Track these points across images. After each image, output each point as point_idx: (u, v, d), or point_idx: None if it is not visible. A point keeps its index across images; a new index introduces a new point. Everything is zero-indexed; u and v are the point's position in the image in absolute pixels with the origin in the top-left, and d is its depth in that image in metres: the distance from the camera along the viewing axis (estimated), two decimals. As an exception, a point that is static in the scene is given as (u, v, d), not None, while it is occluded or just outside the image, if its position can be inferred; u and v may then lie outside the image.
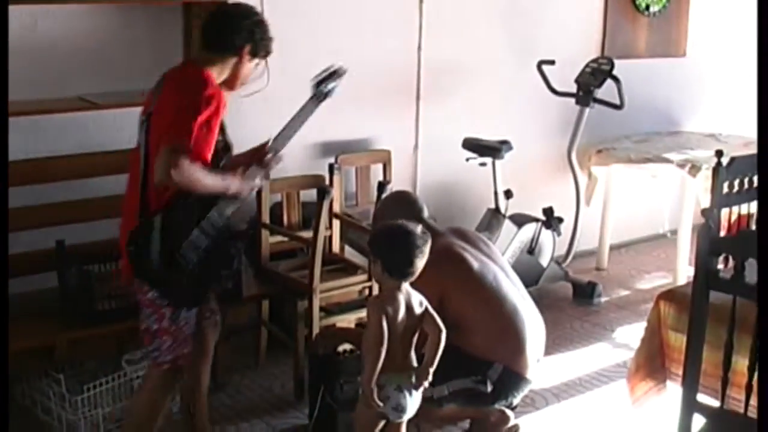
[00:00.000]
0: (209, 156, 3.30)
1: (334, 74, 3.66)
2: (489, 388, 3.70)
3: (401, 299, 3.35)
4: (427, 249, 3.36)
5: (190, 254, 3.34)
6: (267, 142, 3.61)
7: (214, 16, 3.51)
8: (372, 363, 3.26)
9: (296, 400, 4.33)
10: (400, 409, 3.36)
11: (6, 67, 3.08)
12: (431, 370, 3.37)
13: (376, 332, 3.27)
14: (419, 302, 3.40)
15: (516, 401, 3.89)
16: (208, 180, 3.26)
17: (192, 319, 3.45)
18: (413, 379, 3.37)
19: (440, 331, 3.37)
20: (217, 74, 3.41)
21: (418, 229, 3.37)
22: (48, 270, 4.10)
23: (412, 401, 3.39)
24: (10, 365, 3.77)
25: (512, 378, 3.74)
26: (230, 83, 3.49)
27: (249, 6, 3.59)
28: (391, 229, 3.42)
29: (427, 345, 3.39)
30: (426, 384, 3.39)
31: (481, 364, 3.71)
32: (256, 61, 3.51)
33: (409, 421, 3.97)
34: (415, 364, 3.40)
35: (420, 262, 3.34)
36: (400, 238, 3.34)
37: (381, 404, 3.31)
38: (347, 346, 4.11)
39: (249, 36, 3.43)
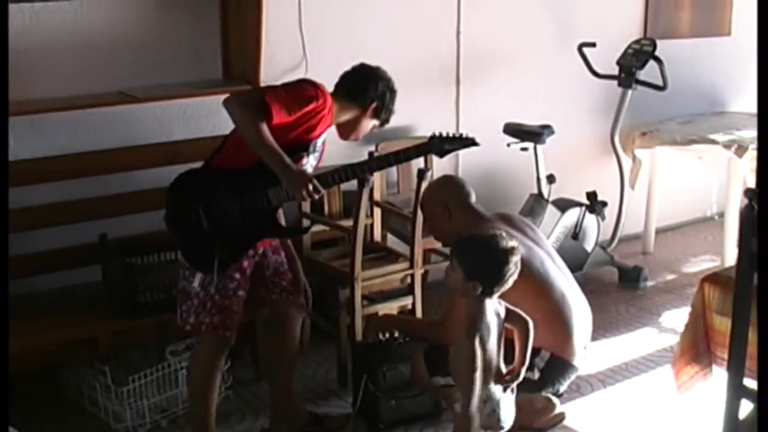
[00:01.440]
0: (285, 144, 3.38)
1: (463, 142, 3.71)
2: (536, 375, 3.68)
3: (490, 312, 3.29)
4: (517, 262, 3.27)
5: (211, 218, 3.41)
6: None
7: (358, 68, 3.70)
8: (470, 390, 3.19)
9: (339, 387, 4.33)
10: (505, 419, 3.32)
11: (6, 67, 3.10)
12: (524, 369, 3.33)
13: (471, 359, 3.18)
14: (499, 303, 3.34)
15: (563, 388, 3.88)
16: (264, 138, 3.29)
17: (226, 290, 3.48)
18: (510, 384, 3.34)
19: (527, 323, 3.34)
20: (336, 113, 3.58)
21: (513, 242, 3.29)
22: (91, 263, 4.14)
23: (511, 405, 3.37)
24: (55, 357, 3.85)
25: (559, 365, 3.73)
26: (343, 130, 3.68)
27: (389, 74, 3.76)
28: (490, 243, 3.28)
29: (516, 342, 3.35)
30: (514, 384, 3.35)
31: (528, 351, 3.69)
32: (375, 122, 3.71)
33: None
34: (503, 365, 3.34)
35: (512, 280, 3.28)
36: (500, 255, 3.24)
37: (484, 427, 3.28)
38: (389, 333, 4.12)
39: (381, 97, 3.65)
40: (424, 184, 4.27)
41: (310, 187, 3.36)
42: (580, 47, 5.57)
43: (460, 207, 3.84)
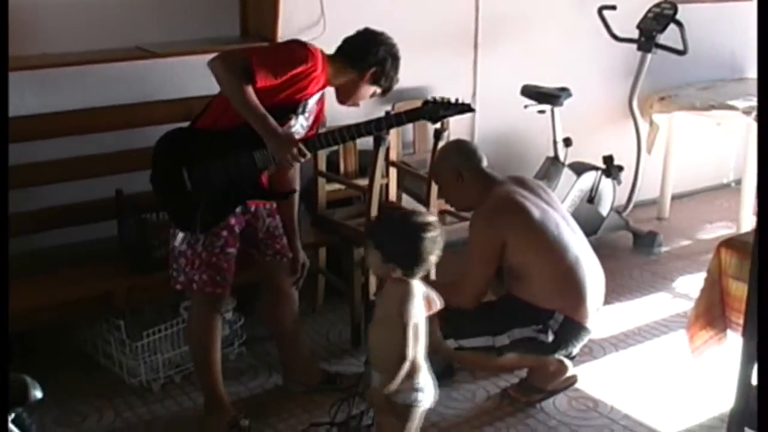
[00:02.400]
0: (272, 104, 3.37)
1: (457, 107, 3.60)
2: (550, 338, 3.68)
3: (419, 294, 3.07)
4: (441, 241, 3.07)
5: (194, 179, 3.43)
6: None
7: (361, 32, 3.64)
8: (393, 377, 2.98)
9: (353, 347, 4.35)
10: (426, 401, 3.12)
11: (6, 60, 3.10)
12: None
13: (402, 348, 2.97)
14: (419, 284, 3.10)
15: (576, 351, 3.87)
16: (248, 100, 3.28)
17: (213, 247, 3.48)
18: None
19: (433, 305, 3.15)
20: (332, 76, 3.56)
21: (430, 218, 3.11)
22: (107, 219, 4.14)
23: (432, 388, 3.16)
24: (70, 312, 3.87)
25: (573, 327, 3.72)
26: (340, 93, 3.65)
27: (393, 39, 3.67)
28: (401, 221, 3.09)
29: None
30: None
31: (542, 313, 3.69)
32: (375, 88, 3.63)
33: (467, 368, 4.01)
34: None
35: (435, 258, 3.08)
36: (413, 232, 3.01)
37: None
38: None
39: (380, 62, 3.56)
40: (440, 145, 4.25)
41: (295, 150, 3.35)
42: (600, 10, 5.52)
43: (472, 172, 3.82)
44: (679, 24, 5.35)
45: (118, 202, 4.08)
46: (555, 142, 5.29)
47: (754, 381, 2.98)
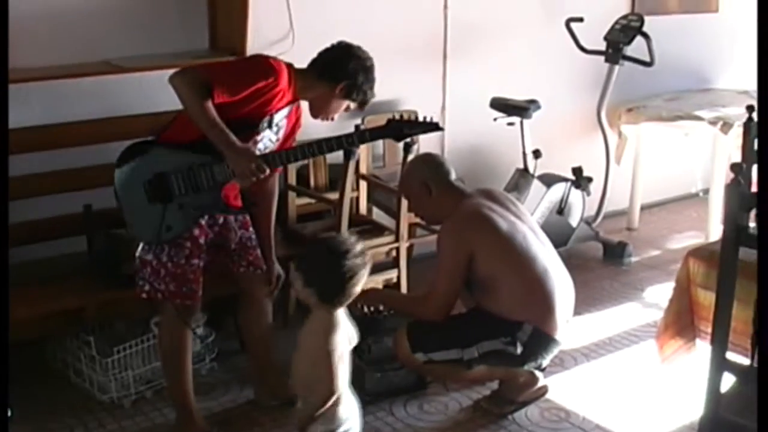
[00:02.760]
0: (236, 119, 3.36)
1: (423, 126, 3.65)
2: (519, 350, 3.69)
3: (345, 324, 3.00)
4: (365, 271, 2.96)
5: (156, 190, 3.43)
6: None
7: (335, 46, 3.62)
8: (316, 410, 2.89)
9: (325, 360, 4.33)
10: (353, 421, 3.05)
11: (6, 63, 3.08)
12: None
13: (329, 382, 2.88)
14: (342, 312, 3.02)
15: (545, 363, 3.89)
16: (207, 116, 3.27)
17: (178, 257, 3.48)
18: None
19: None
20: (302, 89, 3.55)
21: (353, 245, 2.97)
22: (76, 234, 4.12)
23: (358, 419, 3.09)
24: (40, 328, 3.84)
25: (542, 339, 3.73)
26: (312, 107, 3.63)
27: (367, 53, 3.65)
28: (323, 247, 3.00)
29: None
30: None
31: (510, 326, 3.70)
32: (348, 102, 3.60)
33: (438, 381, 4.01)
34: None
35: (358, 288, 2.97)
36: (333, 259, 2.91)
37: None
38: (374, 307, 4.12)
39: (351, 76, 3.53)
40: (410, 158, 4.27)
41: (253, 165, 3.33)
42: (567, 22, 5.56)
43: (440, 185, 3.83)
44: (645, 36, 5.39)
45: (87, 217, 4.06)
46: (524, 154, 5.31)
47: (723, 389, 3.01)
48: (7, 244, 3.04)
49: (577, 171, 5.43)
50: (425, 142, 5.05)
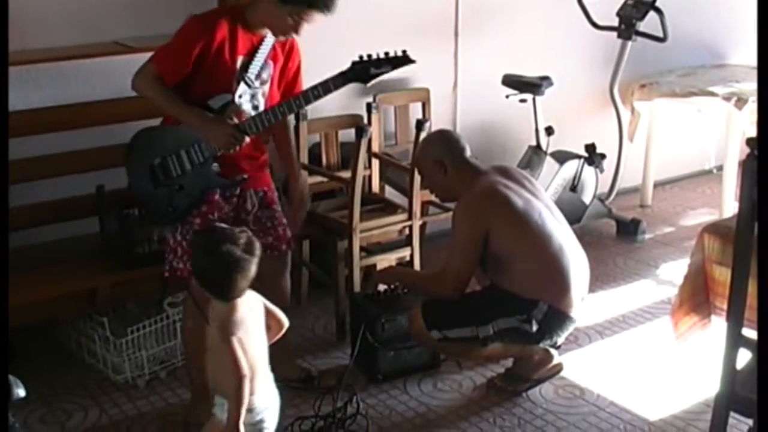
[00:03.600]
0: (206, 87, 3.40)
1: (392, 61, 3.52)
2: (534, 328, 3.68)
3: (244, 310, 2.89)
4: (251, 267, 2.85)
5: (161, 173, 3.47)
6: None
7: None
8: (239, 401, 2.78)
9: (338, 339, 4.34)
10: (270, 427, 2.98)
11: (6, 62, 3.07)
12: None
13: (234, 366, 2.78)
14: (256, 300, 2.98)
15: (560, 340, 3.88)
16: (170, 104, 3.38)
17: (191, 235, 3.47)
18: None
19: (283, 327, 3.08)
20: (251, 20, 3.43)
21: (239, 237, 2.84)
22: (89, 215, 4.12)
23: (276, 412, 3.02)
24: (54, 310, 3.84)
25: (557, 317, 3.72)
26: (272, 30, 3.47)
27: None
28: (208, 242, 2.89)
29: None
30: None
31: (526, 303, 3.69)
32: (286, 10, 3.34)
33: (451, 358, 4.01)
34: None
35: (244, 282, 2.85)
36: (216, 254, 2.80)
37: None
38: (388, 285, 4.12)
39: None
40: (422, 135, 4.24)
41: (230, 136, 3.36)
42: (579, -2, 5.52)
43: (455, 162, 3.81)
44: (658, 11, 5.35)
45: (99, 198, 4.06)
46: (537, 131, 5.29)
47: (739, 365, 2.98)
48: (7, 234, 3.02)
49: (590, 148, 5.41)
50: (437, 120, 5.03)
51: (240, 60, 3.43)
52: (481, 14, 5.42)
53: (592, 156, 5.39)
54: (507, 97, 5.19)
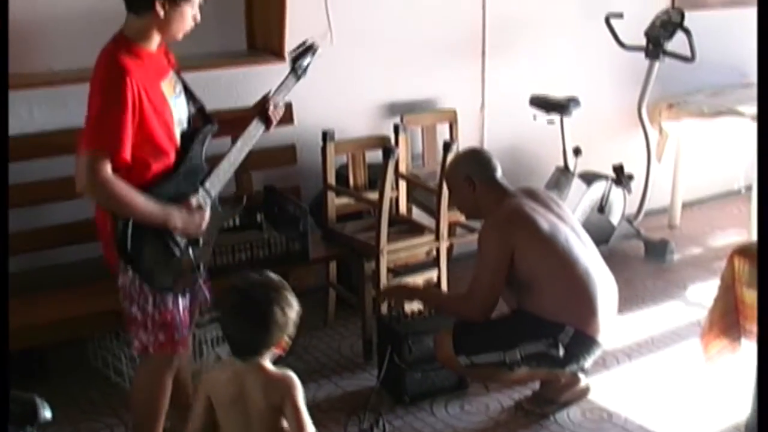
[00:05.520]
0: (164, 145, 3.07)
1: (308, 50, 3.51)
2: (561, 352, 3.65)
3: (251, 382, 2.66)
4: (286, 316, 2.65)
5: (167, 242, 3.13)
6: (267, 95, 3.45)
7: None
8: None
9: (365, 360, 4.33)
10: None
11: (6, 66, 3.10)
12: None
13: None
14: (276, 389, 2.65)
15: (587, 364, 3.84)
16: (134, 209, 2.96)
17: (164, 305, 3.16)
18: None
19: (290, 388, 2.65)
20: (142, 36, 3.05)
21: (279, 293, 2.67)
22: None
23: None
24: (81, 327, 3.85)
25: (584, 341, 3.69)
26: (168, 37, 3.12)
27: None
28: (240, 299, 2.67)
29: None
30: None
31: (552, 327, 3.66)
32: (181, 8, 3.04)
33: (479, 382, 3.98)
34: None
35: (274, 337, 2.66)
36: (249, 309, 2.64)
37: None
38: (416, 307, 4.11)
39: None
40: (450, 157, 4.24)
41: (197, 218, 3.13)
42: (607, 18, 5.51)
43: (485, 181, 3.81)
44: (686, 31, 5.33)
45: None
46: (564, 152, 5.28)
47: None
48: (8, 248, 3.00)
49: (618, 168, 5.39)
50: (464, 140, 5.03)
51: (163, 87, 3.12)
52: (508, 35, 5.42)
53: (620, 177, 5.37)
54: (534, 117, 5.18)
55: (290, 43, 4.36)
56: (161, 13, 2.99)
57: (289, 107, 4.56)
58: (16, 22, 3.92)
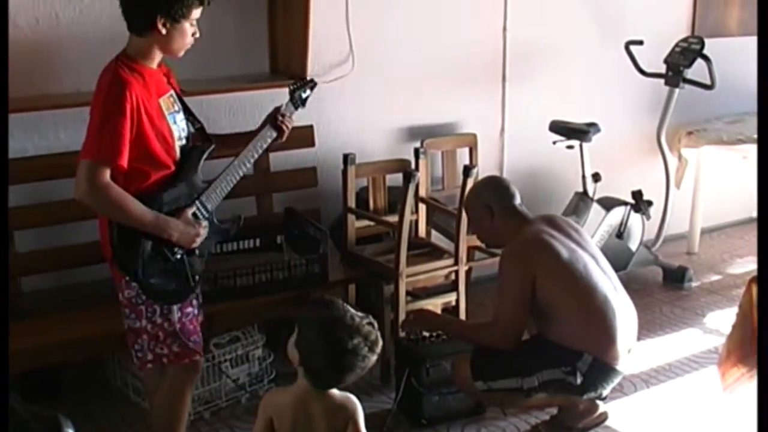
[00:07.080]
0: (163, 158, 3.15)
1: (307, 84, 3.65)
2: (579, 380, 3.64)
3: (316, 408, 2.68)
4: (370, 358, 2.65)
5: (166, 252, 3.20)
6: (278, 107, 3.56)
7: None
8: None
9: (382, 383, 4.33)
10: None
11: (6, 68, 3.12)
12: None
13: None
14: (340, 412, 2.70)
15: (606, 392, 3.82)
16: (135, 209, 3.04)
17: (171, 314, 3.22)
18: None
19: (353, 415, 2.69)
20: (143, 54, 3.14)
21: (366, 328, 2.65)
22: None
23: None
24: (100, 347, 3.88)
25: (602, 369, 3.69)
26: (169, 54, 3.22)
27: None
28: (328, 330, 2.61)
29: None
30: None
31: (570, 355, 3.65)
32: (182, 25, 3.12)
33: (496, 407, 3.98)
34: None
35: (354, 376, 2.66)
36: (337, 346, 2.59)
37: None
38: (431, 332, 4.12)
39: (155, 6, 3.06)
40: (470, 181, 4.26)
41: (193, 231, 3.18)
42: (627, 45, 5.53)
43: (504, 208, 3.82)
44: (706, 58, 5.34)
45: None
46: (584, 177, 5.29)
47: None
48: (8, 263, 3.01)
49: (637, 194, 5.39)
50: (484, 165, 5.05)
51: (161, 102, 3.19)
52: (528, 60, 5.45)
53: (639, 203, 5.37)
54: (554, 143, 5.20)
55: (312, 67, 4.44)
56: (163, 31, 3.09)
57: (310, 130, 4.61)
58: (44, 44, 4.00)
